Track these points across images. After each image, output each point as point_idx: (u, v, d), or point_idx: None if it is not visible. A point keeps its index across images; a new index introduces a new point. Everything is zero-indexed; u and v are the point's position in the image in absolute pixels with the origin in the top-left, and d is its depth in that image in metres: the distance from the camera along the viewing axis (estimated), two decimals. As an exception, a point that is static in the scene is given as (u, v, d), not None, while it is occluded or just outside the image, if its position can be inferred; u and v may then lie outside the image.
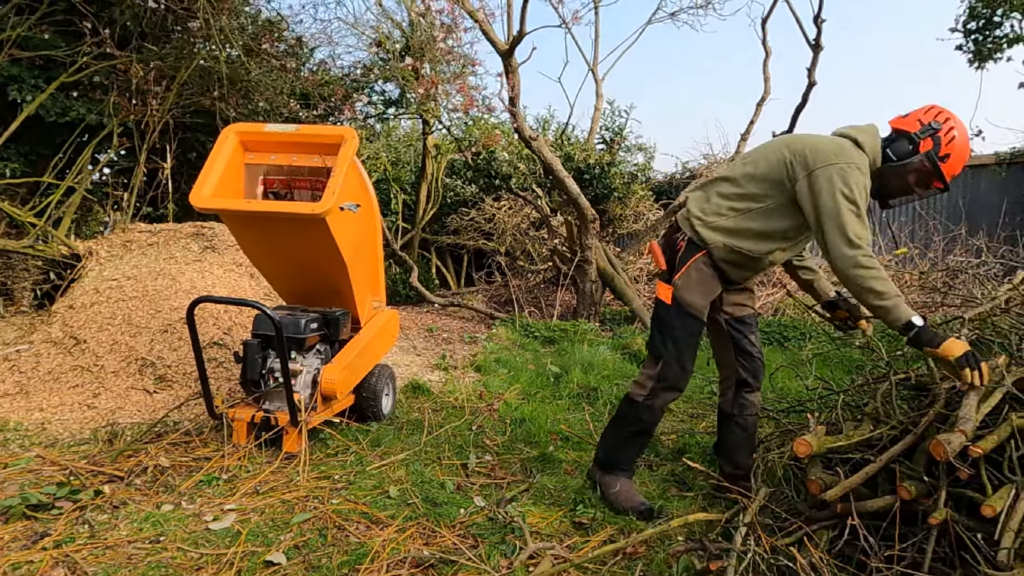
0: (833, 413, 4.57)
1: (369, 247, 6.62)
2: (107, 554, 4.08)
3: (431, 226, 17.56)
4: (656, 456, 6.04)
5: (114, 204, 11.23)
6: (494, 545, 4.21)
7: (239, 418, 5.77)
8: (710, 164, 18.57)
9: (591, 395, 7.84)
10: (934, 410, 3.88)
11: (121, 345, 7.41)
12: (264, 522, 4.56)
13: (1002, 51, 15.57)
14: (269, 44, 12.67)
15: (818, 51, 12.44)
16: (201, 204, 5.58)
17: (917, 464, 3.72)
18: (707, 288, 4.78)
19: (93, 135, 10.71)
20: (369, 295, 6.77)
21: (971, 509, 3.46)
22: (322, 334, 6.17)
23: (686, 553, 3.86)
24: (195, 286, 8.44)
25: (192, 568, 3.97)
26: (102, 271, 8.66)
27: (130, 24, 10.56)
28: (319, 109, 13.65)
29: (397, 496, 5.01)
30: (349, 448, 5.95)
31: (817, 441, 3.68)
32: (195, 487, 5.08)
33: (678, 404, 7.55)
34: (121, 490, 4.96)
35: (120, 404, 6.76)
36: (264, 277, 6.71)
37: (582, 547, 4.27)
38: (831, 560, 3.54)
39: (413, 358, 9.83)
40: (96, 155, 11.23)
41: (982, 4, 15.12)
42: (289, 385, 5.50)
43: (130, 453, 5.59)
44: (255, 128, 6.20)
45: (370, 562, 4.04)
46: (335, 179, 5.53)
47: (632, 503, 4.83)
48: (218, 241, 9.56)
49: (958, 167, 4.48)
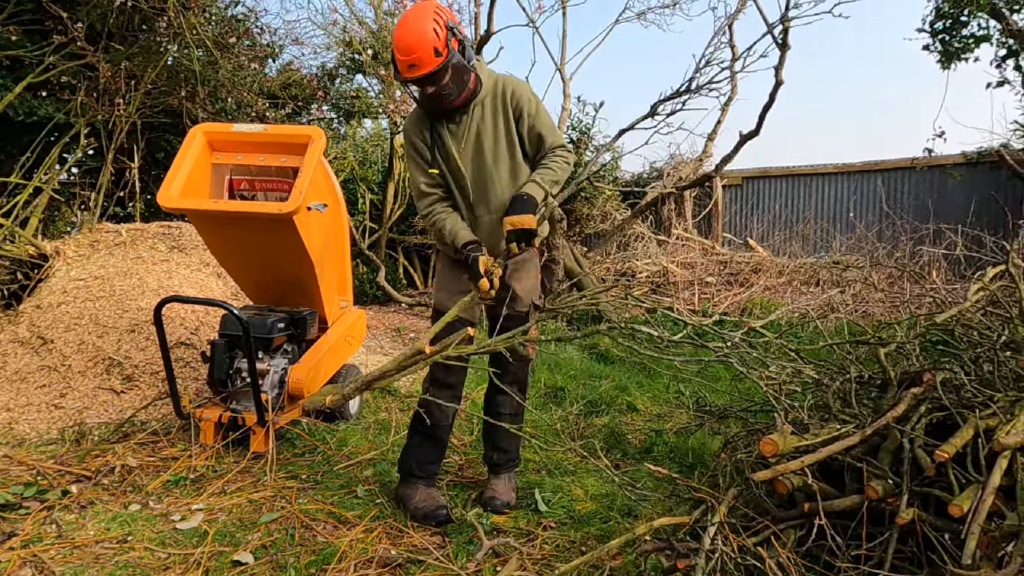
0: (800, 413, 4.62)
1: (336, 247, 6.63)
2: (75, 554, 4.09)
3: (398, 226, 17.53)
4: (623, 456, 6.08)
5: (81, 204, 11.20)
6: (461, 545, 4.24)
7: (206, 418, 5.79)
8: (677, 164, 18.64)
9: (558, 395, 7.87)
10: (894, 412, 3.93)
11: (88, 345, 7.39)
12: (231, 522, 4.58)
13: (970, 51, 15.66)
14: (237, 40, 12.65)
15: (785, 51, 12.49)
16: (168, 204, 5.59)
17: (883, 463, 3.76)
18: (450, 285, 4.95)
19: (61, 135, 10.67)
20: (336, 295, 6.79)
21: (939, 508, 3.48)
22: (289, 334, 6.19)
23: (654, 552, 3.90)
24: (162, 286, 8.42)
25: (159, 568, 3.99)
26: (69, 271, 8.63)
27: (97, 24, 10.52)
28: (287, 108, 13.64)
29: (364, 496, 5.04)
30: (316, 448, 5.97)
31: (783, 440, 3.71)
32: (162, 487, 5.10)
33: (644, 404, 7.59)
34: (88, 490, 4.96)
35: (87, 404, 6.75)
36: (231, 277, 6.72)
37: (546, 547, 4.31)
38: (799, 560, 3.57)
39: (380, 358, 9.83)
40: (64, 155, 11.19)
41: (949, 4, 15.19)
42: (256, 385, 5.51)
43: (97, 453, 5.60)
44: (222, 128, 6.22)
45: (337, 562, 4.07)
46: (302, 179, 5.55)
47: (430, 510, 4.73)
48: (185, 241, 9.54)
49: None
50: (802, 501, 3.77)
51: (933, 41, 15.93)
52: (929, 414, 4.02)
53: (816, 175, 18.33)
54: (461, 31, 4.49)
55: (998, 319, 4.98)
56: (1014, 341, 4.58)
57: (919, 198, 16.62)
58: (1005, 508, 3.23)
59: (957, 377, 4.20)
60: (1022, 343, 4.30)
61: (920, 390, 4.14)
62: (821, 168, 18.24)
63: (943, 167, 16.36)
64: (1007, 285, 5.41)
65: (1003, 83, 15.44)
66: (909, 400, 4.03)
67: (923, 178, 16.74)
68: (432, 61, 4.28)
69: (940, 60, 15.94)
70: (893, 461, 3.78)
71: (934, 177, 16.58)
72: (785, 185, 18.82)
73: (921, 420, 3.95)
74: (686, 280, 15.80)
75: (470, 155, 4.71)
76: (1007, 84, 15.46)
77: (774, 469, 3.55)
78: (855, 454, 3.87)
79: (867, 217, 16.98)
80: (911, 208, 16.51)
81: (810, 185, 18.39)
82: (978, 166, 15.91)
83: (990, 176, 15.78)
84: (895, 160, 17.10)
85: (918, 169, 16.68)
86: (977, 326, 4.98)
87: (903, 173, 17.04)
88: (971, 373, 4.35)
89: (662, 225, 18.78)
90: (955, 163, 16.17)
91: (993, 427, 3.64)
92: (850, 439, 3.76)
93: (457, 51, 4.41)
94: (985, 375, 4.31)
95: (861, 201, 17.50)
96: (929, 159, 16.31)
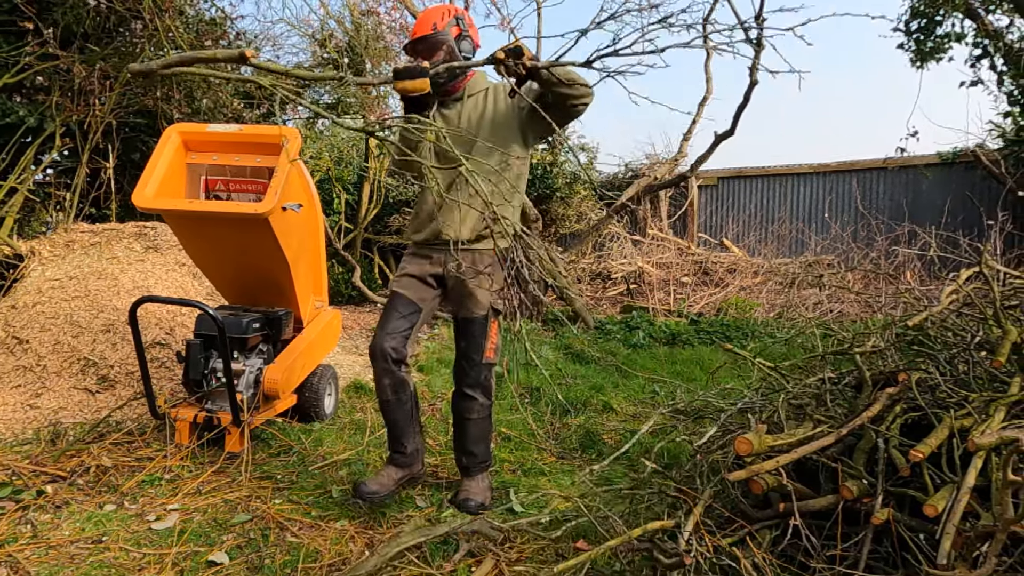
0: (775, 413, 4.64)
1: (311, 247, 6.64)
2: (50, 554, 4.10)
3: (374, 226, 17.50)
4: (598, 456, 6.10)
5: (56, 204, 11.15)
6: (436, 546, 4.26)
7: (181, 418, 5.79)
8: (652, 164, 18.69)
9: (533, 395, 7.89)
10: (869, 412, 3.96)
11: (63, 345, 7.38)
12: (206, 522, 4.59)
13: (944, 51, 15.75)
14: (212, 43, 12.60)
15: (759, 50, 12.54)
16: (143, 204, 5.59)
17: (858, 463, 3.79)
18: (407, 267, 5.16)
19: (35, 136, 10.62)
20: (312, 295, 6.80)
21: (914, 508, 3.48)
22: (264, 334, 6.20)
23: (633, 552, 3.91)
24: (137, 286, 8.41)
25: (134, 568, 4.00)
26: (44, 271, 8.61)
27: (73, 25, 10.48)
28: (263, 108, 13.60)
29: (339, 496, 5.05)
30: (291, 448, 5.99)
31: (758, 440, 3.72)
32: (138, 487, 5.10)
33: (620, 404, 7.63)
34: (64, 490, 4.97)
35: (62, 404, 6.74)
36: (206, 277, 6.72)
37: (521, 547, 4.33)
38: (774, 560, 3.58)
39: (356, 358, 9.85)
40: (39, 156, 11.14)
41: (924, 3, 15.27)
42: (231, 385, 5.52)
43: (72, 453, 5.60)
44: (197, 128, 6.22)
45: (312, 562, 4.09)
46: (277, 179, 5.56)
47: (361, 483, 4.94)
48: (160, 241, 9.52)
49: None
50: (777, 501, 3.77)
51: (908, 40, 16.03)
52: (904, 414, 4.04)
53: (791, 175, 18.43)
54: (471, 30, 4.99)
55: (973, 320, 5.02)
56: (988, 341, 4.61)
57: (894, 198, 16.74)
58: (980, 508, 3.23)
59: (932, 377, 4.22)
60: (996, 343, 4.33)
61: (895, 390, 4.16)
62: (796, 168, 18.34)
63: (918, 167, 16.46)
64: (981, 287, 5.45)
65: (977, 83, 15.54)
66: (884, 400, 4.05)
67: (898, 178, 16.85)
68: (426, 30, 4.86)
69: (914, 59, 16.04)
70: (868, 461, 3.79)
71: (909, 177, 16.69)
72: (760, 185, 18.92)
73: (896, 420, 3.97)
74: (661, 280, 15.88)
75: (460, 140, 4.78)
76: (981, 84, 15.57)
77: (749, 469, 3.57)
78: (830, 454, 3.88)
79: (842, 217, 17.09)
80: (886, 208, 16.62)
81: (785, 185, 18.49)
82: (953, 166, 16.03)
83: (965, 176, 15.90)
84: (870, 160, 17.21)
85: (892, 169, 16.78)
86: (952, 327, 5.01)
87: (878, 173, 17.15)
88: (946, 373, 4.37)
89: (637, 225, 18.85)
90: (929, 163, 16.28)
91: (968, 427, 3.66)
92: (825, 439, 3.77)
93: (453, 38, 4.87)
94: (960, 375, 4.33)
95: (836, 201, 17.60)
96: (903, 159, 16.40)
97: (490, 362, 5.06)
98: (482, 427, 5.11)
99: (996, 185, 15.18)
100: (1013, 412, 3.82)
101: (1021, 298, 4.93)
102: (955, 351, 4.61)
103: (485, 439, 5.16)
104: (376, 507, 4.86)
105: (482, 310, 4.98)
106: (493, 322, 4.99)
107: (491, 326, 4.95)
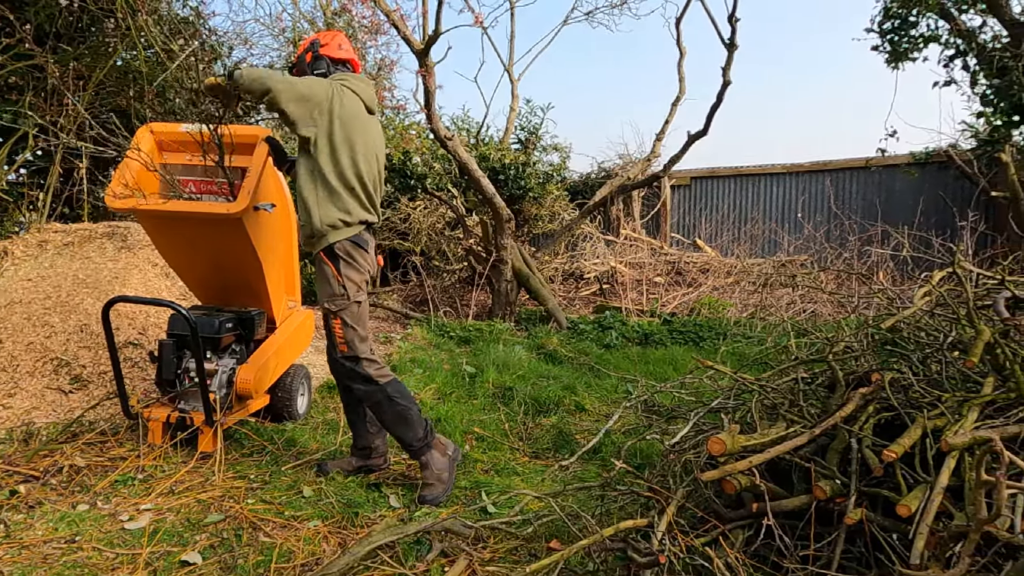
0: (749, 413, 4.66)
1: (284, 247, 6.64)
2: (23, 554, 4.11)
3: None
4: (572, 456, 6.13)
5: (30, 204, 11.11)
6: (410, 546, 4.27)
7: (155, 418, 5.80)
8: (625, 164, 18.74)
9: (506, 395, 7.91)
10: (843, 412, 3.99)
11: (36, 345, 7.36)
12: (180, 522, 4.60)
13: (919, 51, 15.82)
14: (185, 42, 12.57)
15: (733, 50, 12.59)
16: (116, 204, 5.60)
17: (831, 463, 3.82)
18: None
19: (9, 136, 10.59)
20: (284, 295, 6.80)
21: (887, 508, 3.51)
22: (237, 334, 6.20)
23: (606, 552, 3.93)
24: (110, 286, 8.39)
25: (107, 568, 4.01)
26: (17, 271, 8.58)
27: (46, 24, 10.44)
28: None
29: (312, 496, 5.07)
30: (264, 448, 6.00)
31: (731, 440, 3.74)
32: (111, 487, 5.11)
33: (592, 404, 7.66)
34: (37, 490, 4.97)
35: (35, 404, 6.72)
36: (179, 277, 6.71)
37: (495, 547, 4.35)
38: (747, 560, 3.60)
39: (329, 358, 9.85)
40: (12, 155, 11.10)
41: (897, 4, 15.35)
42: (204, 385, 5.53)
43: (46, 453, 5.59)
44: (171, 128, 6.22)
45: (285, 562, 4.10)
46: (250, 179, 5.57)
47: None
48: (133, 241, 9.48)
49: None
50: (750, 501, 3.79)
51: (882, 41, 16.11)
52: (877, 414, 4.08)
53: (765, 175, 18.48)
54: (326, 50, 5.56)
55: (946, 320, 5.06)
56: (961, 341, 4.65)
57: (867, 198, 16.82)
58: (953, 508, 3.27)
59: (905, 377, 4.26)
60: (969, 344, 4.37)
61: (868, 390, 4.19)
62: (770, 168, 18.39)
63: (892, 167, 16.54)
64: (954, 288, 5.51)
65: (950, 83, 15.63)
66: (857, 400, 4.08)
67: (871, 178, 16.94)
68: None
69: (889, 60, 16.11)
70: (841, 461, 3.82)
71: (882, 177, 16.78)
72: (733, 185, 18.97)
73: (869, 420, 4.01)
74: (634, 280, 15.91)
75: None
76: (954, 84, 15.66)
77: (722, 469, 3.59)
78: (803, 454, 3.91)
79: (815, 217, 17.16)
80: (859, 208, 16.72)
81: (758, 185, 18.55)
82: (926, 166, 16.10)
83: (938, 176, 16.00)
84: (844, 160, 17.28)
85: (871, 169, 16.86)
86: (925, 327, 5.06)
87: (851, 173, 17.22)
88: (919, 373, 4.42)
89: (610, 225, 18.88)
90: (904, 163, 16.34)
91: (941, 427, 3.70)
92: (798, 439, 3.80)
93: (307, 62, 5.52)
94: (933, 375, 4.37)
95: (809, 201, 17.68)
96: (882, 159, 16.48)
97: (347, 355, 5.21)
98: (386, 410, 5.23)
99: (969, 185, 15.30)
100: (986, 412, 3.87)
101: (994, 298, 4.97)
102: (928, 351, 4.66)
103: (403, 421, 5.24)
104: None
105: (325, 309, 5.22)
106: (334, 319, 5.17)
107: (333, 324, 5.17)
